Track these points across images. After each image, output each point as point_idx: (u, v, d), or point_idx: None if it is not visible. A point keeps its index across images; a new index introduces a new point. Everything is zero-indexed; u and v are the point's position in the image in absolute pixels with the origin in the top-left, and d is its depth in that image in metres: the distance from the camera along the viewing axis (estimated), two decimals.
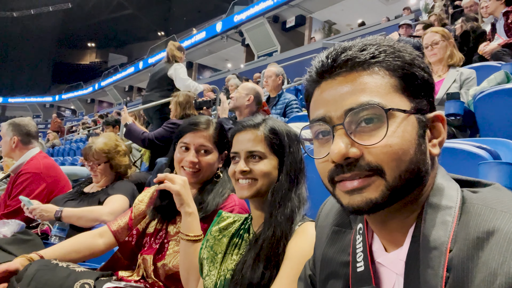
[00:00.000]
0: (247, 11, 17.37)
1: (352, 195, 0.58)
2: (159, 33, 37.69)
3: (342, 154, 0.56)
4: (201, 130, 1.47)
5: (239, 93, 3.01)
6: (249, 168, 1.09)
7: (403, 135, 0.56)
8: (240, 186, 1.10)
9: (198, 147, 1.45)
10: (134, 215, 1.55)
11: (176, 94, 3.62)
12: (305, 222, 1.05)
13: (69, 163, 6.20)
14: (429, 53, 2.80)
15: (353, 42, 0.62)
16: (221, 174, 1.51)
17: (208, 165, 1.46)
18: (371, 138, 0.56)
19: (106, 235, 1.52)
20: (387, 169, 0.55)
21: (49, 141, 11.38)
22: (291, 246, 1.00)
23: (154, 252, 1.41)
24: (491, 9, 3.95)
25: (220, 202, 1.41)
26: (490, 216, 0.51)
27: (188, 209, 1.23)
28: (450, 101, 2.37)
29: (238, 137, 1.14)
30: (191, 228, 1.23)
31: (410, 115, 0.57)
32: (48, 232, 2.06)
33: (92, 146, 2.20)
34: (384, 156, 0.55)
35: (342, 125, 0.57)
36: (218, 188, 1.45)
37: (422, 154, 0.57)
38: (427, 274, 0.52)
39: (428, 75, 0.60)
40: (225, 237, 1.17)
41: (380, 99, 0.56)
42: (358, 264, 0.64)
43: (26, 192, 2.30)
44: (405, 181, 0.56)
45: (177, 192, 1.22)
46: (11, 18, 38.34)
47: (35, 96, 36.53)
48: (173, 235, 1.43)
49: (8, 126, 2.55)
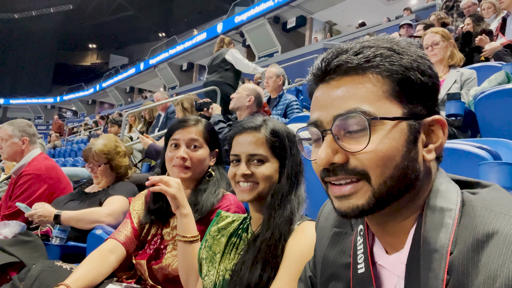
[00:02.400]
0: (248, 12, 17.38)
1: (341, 200, 0.59)
2: (160, 34, 37.74)
3: (325, 161, 0.57)
4: (191, 126, 1.47)
5: (239, 93, 3.01)
6: (251, 172, 1.08)
7: (389, 143, 0.55)
8: (240, 189, 1.09)
9: (188, 142, 1.44)
10: (136, 225, 1.51)
11: (178, 101, 3.68)
12: (303, 221, 1.05)
13: (70, 164, 6.21)
14: (430, 54, 2.79)
15: (351, 43, 0.61)
16: (213, 173, 1.50)
17: (199, 160, 1.45)
18: (357, 145, 0.56)
19: (117, 250, 1.45)
20: (372, 175, 0.56)
21: (50, 142, 11.41)
22: (289, 245, 1.00)
23: (148, 257, 1.40)
24: (506, 4, 3.94)
25: (215, 202, 1.40)
26: (490, 218, 0.51)
27: (184, 211, 1.22)
28: (451, 102, 2.37)
29: (238, 139, 1.12)
30: (187, 229, 1.23)
31: (401, 121, 0.57)
32: (49, 233, 2.06)
33: (92, 148, 2.20)
34: (368, 162, 0.56)
35: (330, 130, 0.58)
36: (211, 188, 1.44)
37: (410, 161, 0.57)
38: (427, 276, 0.52)
39: (428, 77, 0.59)
40: (224, 237, 1.16)
41: (369, 106, 0.56)
42: (359, 265, 0.64)
43: (27, 194, 2.31)
44: (390, 188, 0.56)
45: (173, 195, 1.20)
46: (12, 20, 38.45)
47: (36, 98, 36.60)
48: (169, 239, 1.42)
49: (14, 127, 2.50)
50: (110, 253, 1.43)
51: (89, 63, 43.53)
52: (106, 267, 1.39)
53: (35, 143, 2.56)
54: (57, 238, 1.95)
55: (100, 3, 37.41)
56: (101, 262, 1.39)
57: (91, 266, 1.37)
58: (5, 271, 1.76)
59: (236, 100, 3.00)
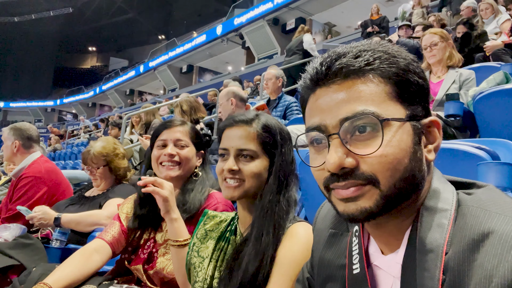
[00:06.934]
0: (247, 14, 17.40)
1: (347, 202, 0.58)
2: (159, 37, 37.77)
3: (337, 164, 0.56)
4: (177, 126, 1.48)
5: (221, 104, 3.11)
6: (238, 168, 1.02)
7: (399, 144, 0.55)
8: (226, 186, 1.04)
9: (175, 141, 1.45)
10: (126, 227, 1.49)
11: (178, 104, 3.69)
12: (294, 223, 1.01)
13: (70, 167, 6.22)
14: (428, 54, 2.80)
15: (347, 47, 0.61)
16: (200, 173, 1.49)
17: (186, 158, 1.45)
18: (366, 148, 0.56)
19: (103, 250, 1.43)
20: (381, 179, 0.55)
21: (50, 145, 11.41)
22: (280, 252, 0.96)
23: (143, 261, 1.40)
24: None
25: (202, 200, 1.39)
26: (485, 218, 0.51)
27: (174, 215, 1.20)
28: (450, 102, 2.37)
29: (228, 132, 1.07)
30: (179, 234, 1.20)
31: (406, 122, 0.57)
32: (49, 236, 2.07)
33: (90, 150, 2.21)
34: (379, 166, 0.55)
35: (338, 134, 0.57)
36: (198, 187, 1.43)
37: (417, 162, 0.57)
38: (423, 277, 0.53)
39: (422, 80, 0.60)
40: (212, 240, 1.13)
41: (375, 108, 0.56)
42: (354, 266, 0.64)
43: (27, 196, 2.31)
44: (399, 190, 0.56)
45: (165, 197, 1.18)
46: (12, 23, 38.49)
47: (36, 101, 36.63)
48: (161, 243, 1.41)
49: (9, 131, 2.56)
50: (95, 252, 1.41)
51: (89, 66, 43.54)
52: (89, 266, 1.37)
53: (32, 146, 2.56)
54: (57, 241, 1.95)
55: (100, 6, 37.44)
56: (84, 261, 1.37)
57: (73, 266, 1.34)
58: (6, 274, 1.76)
59: (222, 111, 3.09)
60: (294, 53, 6.15)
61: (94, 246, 1.43)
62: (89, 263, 1.37)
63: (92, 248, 1.42)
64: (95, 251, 1.41)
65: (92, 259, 1.39)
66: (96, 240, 1.46)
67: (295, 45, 6.17)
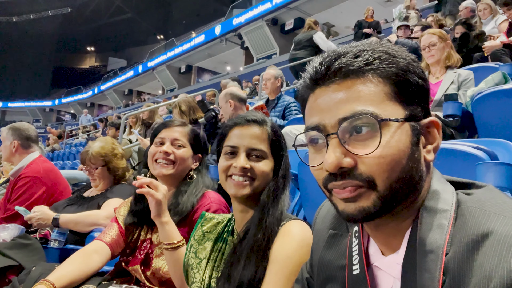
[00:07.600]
0: (246, 14, 17.40)
1: (347, 202, 0.58)
2: (158, 37, 37.76)
3: (335, 164, 0.56)
4: (176, 126, 1.50)
5: (221, 107, 3.13)
6: (250, 166, 1.03)
7: (397, 145, 0.55)
8: (235, 183, 1.03)
9: (173, 141, 1.47)
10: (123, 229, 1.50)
11: (176, 104, 3.69)
12: (289, 221, 1.02)
13: (69, 167, 6.20)
14: (427, 55, 2.81)
15: (347, 47, 0.61)
16: (195, 176, 1.50)
17: (181, 158, 1.45)
18: (364, 148, 0.55)
19: (102, 251, 1.44)
20: (378, 180, 0.55)
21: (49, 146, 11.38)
22: (274, 249, 0.96)
23: (140, 262, 1.41)
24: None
25: (195, 202, 1.39)
26: (484, 219, 0.51)
27: (164, 218, 1.19)
28: (448, 102, 2.37)
29: (239, 130, 1.07)
30: (171, 236, 1.19)
31: (404, 123, 0.56)
32: (47, 237, 2.06)
33: (88, 151, 2.20)
34: (376, 167, 0.55)
35: (336, 134, 0.57)
36: (192, 189, 1.44)
37: (415, 162, 0.57)
38: (423, 277, 0.53)
39: (422, 80, 0.60)
40: (209, 241, 1.13)
41: (374, 108, 0.56)
42: (354, 267, 0.64)
43: (25, 196, 2.30)
44: (396, 191, 0.56)
45: (159, 201, 1.17)
46: (10, 23, 38.44)
47: (35, 101, 36.59)
48: (157, 244, 1.42)
49: (8, 131, 2.55)
50: (95, 253, 1.42)
51: (88, 66, 43.50)
52: (90, 266, 1.38)
53: (30, 146, 2.56)
54: (55, 241, 1.95)
55: (98, 6, 37.42)
56: (85, 261, 1.38)
57: (74, 265, 1.35)
58: (4, 274, 1.76)
59: (223, 113, 3.10)
60: (300, 48, 5.99)
61: (94, 247, 1.44)
62: (90, 263, 1.38)
63: (92, 249, 1.43)
64: (94, 252, 1.42)
65: (92, 260, 1.40)
66: (96, 241, 1.48)
67: (305, 39, 5.99)
